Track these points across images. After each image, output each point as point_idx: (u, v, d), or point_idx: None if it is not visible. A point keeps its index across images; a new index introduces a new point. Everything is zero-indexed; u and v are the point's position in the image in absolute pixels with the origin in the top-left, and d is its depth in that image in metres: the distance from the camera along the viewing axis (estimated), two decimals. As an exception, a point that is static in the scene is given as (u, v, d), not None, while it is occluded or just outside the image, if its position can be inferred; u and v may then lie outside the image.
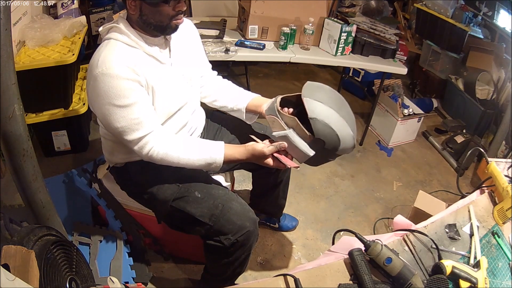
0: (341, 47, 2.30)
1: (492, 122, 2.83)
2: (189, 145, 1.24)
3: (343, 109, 1.18)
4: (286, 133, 1.16)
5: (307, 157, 1.17)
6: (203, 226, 1.29)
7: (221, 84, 1.52)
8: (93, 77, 1.10)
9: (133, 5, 1.13)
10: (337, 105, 1.17)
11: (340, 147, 1.15)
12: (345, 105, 1.21)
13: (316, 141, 1.14)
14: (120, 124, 1.13)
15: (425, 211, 1.87)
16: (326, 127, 1.11)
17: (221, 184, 1.44)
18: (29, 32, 1.95)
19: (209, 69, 1.54)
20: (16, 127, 0.98)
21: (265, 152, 1.21)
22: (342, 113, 1.16)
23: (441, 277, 1.00)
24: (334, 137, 1.13)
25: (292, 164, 1.19)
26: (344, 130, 1.14)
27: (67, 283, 0.90)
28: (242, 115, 1.47)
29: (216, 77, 1.54)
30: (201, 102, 1.51)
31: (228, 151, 1.24)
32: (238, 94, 1.49)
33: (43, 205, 1.14)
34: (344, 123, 1.14)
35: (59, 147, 2.23)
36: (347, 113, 1.18)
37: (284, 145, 1.19)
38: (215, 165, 1.24)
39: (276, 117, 1.21)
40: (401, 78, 2.97)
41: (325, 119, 1.11)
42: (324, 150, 1.15)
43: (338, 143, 1.14)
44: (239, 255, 1.33)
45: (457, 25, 2.97)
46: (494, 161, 1.36)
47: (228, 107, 1.49)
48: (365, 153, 2.76)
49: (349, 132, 1.15)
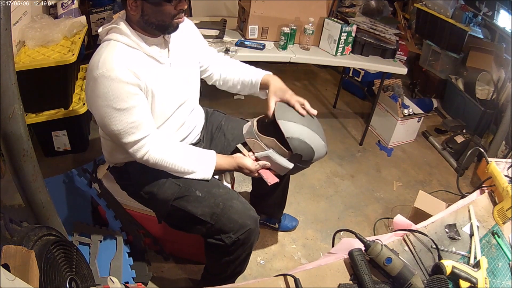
0: (341, 47, 2.30)
1: (492, 122, 2.83)
2: (185, 155, 1.29)
3: (313, 123, 1.33)
4: (267, 153, 1.30)
5: (287, 170, 1.32)
6: (204, 225, 1.29)
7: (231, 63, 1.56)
8: (93, 78, 1.10)
9: (134, 5, 1.13)
10: (307, 120, 1.31)
11: (315, 157, 1.31)
12: (313, 119, 1.36)
13: (294, 156, 1.28)
14: (116, 127, 1.14)
15: (425, 211, 1.87)
16: (302, 142, 1.26)
17: (222, 183, 1.44)
18: (29, 32, 1.95)
19: (214, 55, 1.54)
20: (16, 127, 0.98)
21: (251, 169, 1.31)
22: (313, 127, 1.30)
23: (441, 277, 1.00)
24: (310, 150, 1.28)
25: (272, 181, 1.31)
26: (317, 142, 1.29)
27: (67, 283, 0.90)
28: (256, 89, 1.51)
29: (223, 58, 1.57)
30: (201, 102, 1.52)
31: (219, 161, 1.33)
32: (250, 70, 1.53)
33: (43, 205, 1.14)
34: (316, 136, 1.29)
35: (59, 147, 2.23)
36: (316, 126, 1.33)
37: (268, 164, 1.31)
38: (203, 177, 1.32)
39: (256, 140, 1.34)
40: (401, 78, 2.97)
41: (300, 136, 1.26)
42: (301, 161, 1.31)
43: (313, 154, 1.30)
44: (240, 253, 1.33)
45: (457, 25, 2.98)
46: (494, 161, 1.36)
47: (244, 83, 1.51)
48: (365, 153, 2.76)
49: (322, 143, 1.31)
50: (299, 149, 1.26)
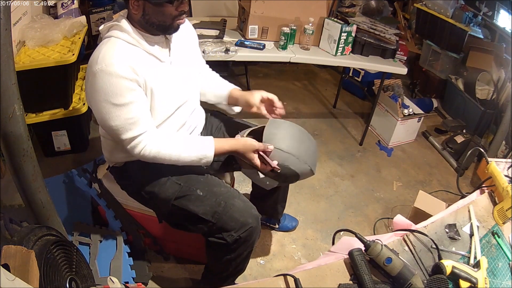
0: (341, 47, 2.30)
1: (492, 122, 2.83)
2: (180, 143, 1.26)
3: (302, 145, 1.31)
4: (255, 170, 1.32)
5: (270, 186, 1.41)
6: (205, 223, 1.30)
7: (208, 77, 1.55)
8: (92, 73, 1.11)
9: (136, 5, 1.13)
10: (295, 146, 1.29)
11: (300, 178, 1.34)
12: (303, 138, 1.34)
13: (280, 176, 1.32)
14: (114, 122, 1.14)
15: (425, 211, 1.87)
16: (287, 168, 1.27)
17: (223, 182, 1.44)
18: (29, 32, 1.95)
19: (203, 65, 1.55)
20: (16, 127, 0.98)
21: (254, 145, 1.25)
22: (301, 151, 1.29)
23: (441, 277, 1.00)
24: (294, 174, 1.30)
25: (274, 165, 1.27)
26: (301, 167, 1.29)
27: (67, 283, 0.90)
28: (225, 108, 1.53)
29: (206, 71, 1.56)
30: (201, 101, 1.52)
31: (218, 143, 1.28)
32: (220, 85, 1.52)
33: (43, 205, 1.14)
34: (300, 162, 1.28)
35: (59, 147, 2.23)
36: (305, 149, 1.31)
37: (272, 147, 1.25)
38: (206, 160, 1.27)
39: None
40: (401, 78, 2.97)
41: (284, 163, 1.26)
42: (286, 179, 1.36)
43: (298, 177, 1.32)
44: (242, 252, 1.33)
45: (457, 25, 2.97)
46: (494, 161, 1.36)
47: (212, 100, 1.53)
48: (365, 153, 2.76)
49: (306, 167, 1.30)
50: (282, 173, 1.27)
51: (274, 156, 1.26)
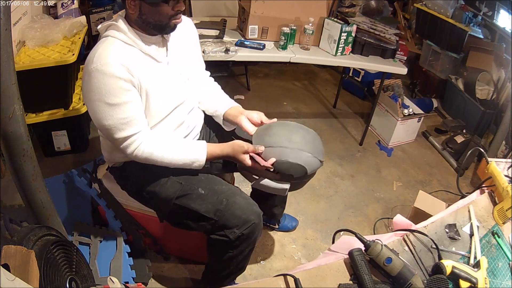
0: (341, 47, 2.30)
1: (492, 122, 2.83)
2: (174, 145, 1.26)
3: (295, 135, 1.28)
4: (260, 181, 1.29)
5: (286, 190, 1.30)
6: (208, 221, 1.30)
7: (207, 87, 1.53)
8: (87, 72, 1.12)
9: (132, 4, 1.14)
10: (287, 137, 1.26)
11: (309, 171, 1.26)
12: (295, 129, 1.30)
13: (286, 176, 1.26)
14: (107, 122, 1.15)
15: (425, 211, 1.87)
16: (286, 163, 1.23)
17: (224, 180, 1.44)
18: (29, 32, 1.95)
19: (202, 69, 1.54)
20: (16, 127, 0.98)
21: (244, 146, 1.25)
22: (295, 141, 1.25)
23: (441, 277, 1.00)
24: (297, 166, 1.24)
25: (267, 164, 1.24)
26: (301, 157, 1.24)
27: (67, 283, 0.91)
28: (220, 121, 1.51)
29: (206, 79, 1.55)
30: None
31: (210, 148, 1.28)
32: (219, 101, 1.50)
33: (43, 205, 1.14)
34: (296, 151, 1.24)
35: (59, 147, 2.23)
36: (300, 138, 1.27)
37: (262, 148, 1.24)
38: (198, 164, 1.28)
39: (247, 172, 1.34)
40: (401, 78, 2.97)
41: (281, 158, 1.22)
42: (296, 179, 1.28)
43: (304, 169, 1.25)
44: (244, 249, 1.34)
45: (457, 25, 2.98)
46: (494, 161, 1.36)
47: (208, 111, 1.52)
48: (365, 153, 2.76)
49: (307, 155, 1.25)
50: (285, 170, 1.24)
51: (268, 155, 1.24)
